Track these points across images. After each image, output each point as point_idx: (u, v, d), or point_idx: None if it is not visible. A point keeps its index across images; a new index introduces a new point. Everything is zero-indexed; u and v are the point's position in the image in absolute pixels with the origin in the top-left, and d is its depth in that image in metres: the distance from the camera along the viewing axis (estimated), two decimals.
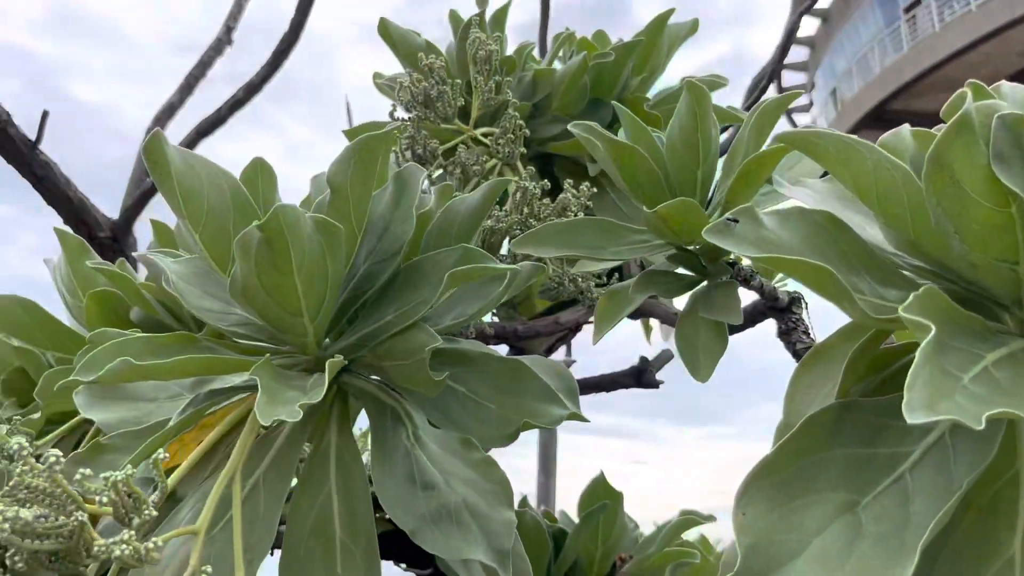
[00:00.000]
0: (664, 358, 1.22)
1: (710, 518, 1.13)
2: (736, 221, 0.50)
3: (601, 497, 1.07)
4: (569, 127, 0.76)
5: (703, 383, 0.66)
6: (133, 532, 0.50)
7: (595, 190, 0.89)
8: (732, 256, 0.74)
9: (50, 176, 1.52)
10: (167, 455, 0.59)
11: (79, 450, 0.67)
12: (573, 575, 1.11)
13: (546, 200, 0.88)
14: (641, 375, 1.17)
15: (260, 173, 0.67)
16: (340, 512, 0.72)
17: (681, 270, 0.70)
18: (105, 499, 0.52)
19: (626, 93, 1.14)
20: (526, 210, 0.87)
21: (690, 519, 1.12)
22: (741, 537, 0.45)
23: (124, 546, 0.50)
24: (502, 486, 0.69)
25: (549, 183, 0.91)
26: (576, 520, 1.11)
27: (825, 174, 0.59)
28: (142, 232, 1.72)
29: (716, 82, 1.16)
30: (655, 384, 1.19)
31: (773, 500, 0.47)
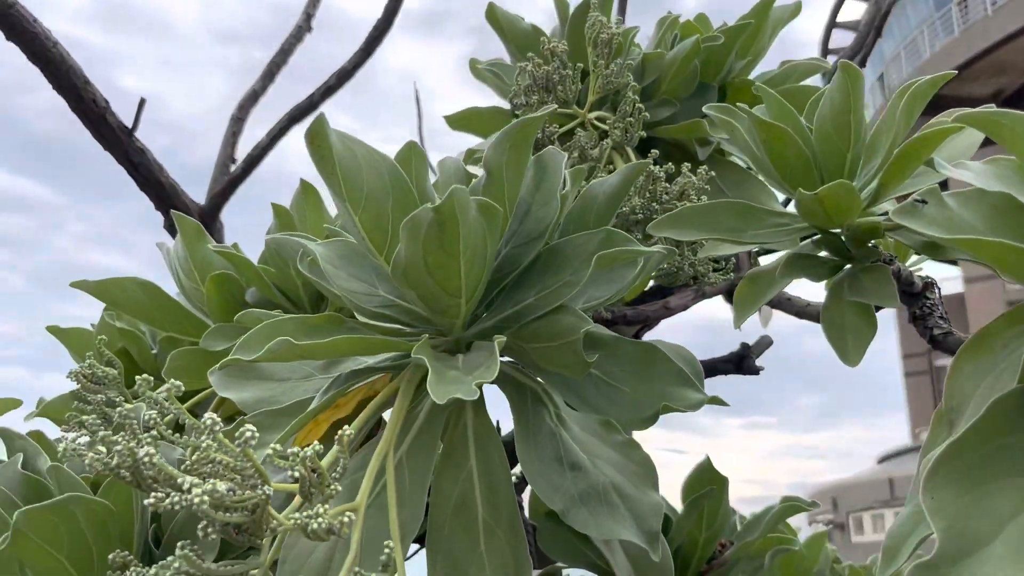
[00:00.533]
0: (764, 344, 1.21)
1: (813, 504, 1.13)
2: (924, 202, 0.50)
3: (707, 483, 1.07)
4: (705, 109, 0.76)
5: (853, 367, 0.66)
6: (327, 506, 0.52)
7: (712, 173, 0.89)
8: (873, 241, 0.74)
9: (144, 162, 1.55)
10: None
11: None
12: (676, 559, 1.12)
13: (666, 184, 0.88)
14: (742, 361, 1.17)
15: (413, 155, 0.68)
16: (481, 492, 0.73)
17: (825, 254, 0.70)
18: (293, 475, 0.53)
19: (731, 77, 1.13)
20: (648, 194, 0.88)
21: (793, 505, 1.11)
22: (936, 520, 0.45)
23: (319, 520, 0.51)
24: (646, 468, 0.70)
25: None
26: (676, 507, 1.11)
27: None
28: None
29: (818, 65, 1.14)
30: (755, 371, 1.19)
31: (962, 484, 0.47)
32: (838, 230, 0.68)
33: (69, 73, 1.36)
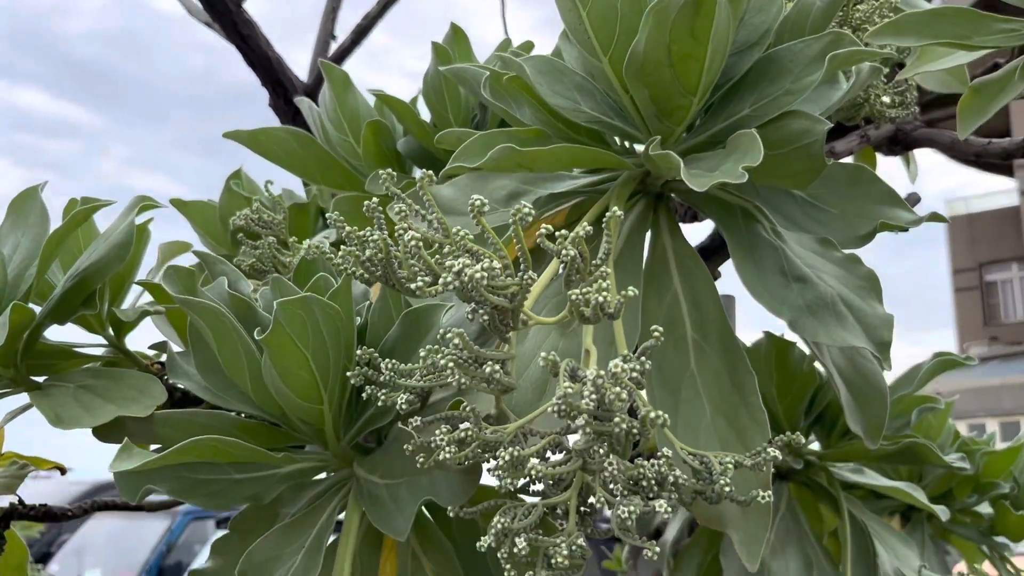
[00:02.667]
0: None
1: (968, 359, 1.10)
2: None
3: None
4: None
5: None
6: (605, 283, 0.50)
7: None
8: None
9: (253, 35, 1.53)
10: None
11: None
12: (826, 415, 1.11)
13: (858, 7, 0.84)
14: None
15: None
16: (689, 312, 0.71)
17: None
18: (566, 255, 0.51)
19: None
20: (840, 15, 0.84)
21: (949, 360, 1.09)
22: None
23: (603, 294, 0.50)
24: (871, 281, 0.67)
25: None
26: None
27: None
28: None
29: None
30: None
31: None
32: None
33: None
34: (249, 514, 0.80)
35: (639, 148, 0.77)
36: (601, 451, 0.52)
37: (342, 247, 0.57)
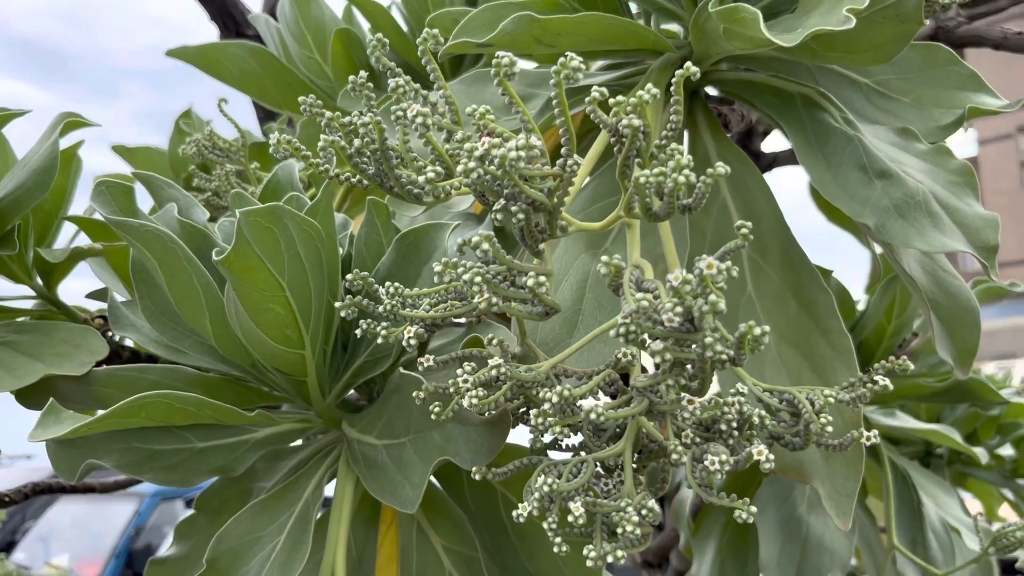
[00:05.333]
0: None
1: (1014, 284, 1.00)
2: None
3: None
4: None
5: None
6: (682, 161, 0.38)
7: None
8: None
9: None
10: None
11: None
12: (859, 353, 1.00)
13: None
14: None
15: None
16: None
17: None
18: (628, 124, 0.38)
19: None
20: None
21: (993, 288, 0.99)
22: None
23: (685, 173, 0.37)
24: (965, 176, 0.55)
25: None
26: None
27: None
28: None
29: None
30: None
31: None
32: None
33: None
34: (218, 490, 0.67)
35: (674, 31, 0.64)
36: (677, 386, 0.40)
37: (322, 137, 0.43)
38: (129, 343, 0.76)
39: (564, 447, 0.50)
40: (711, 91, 0.69)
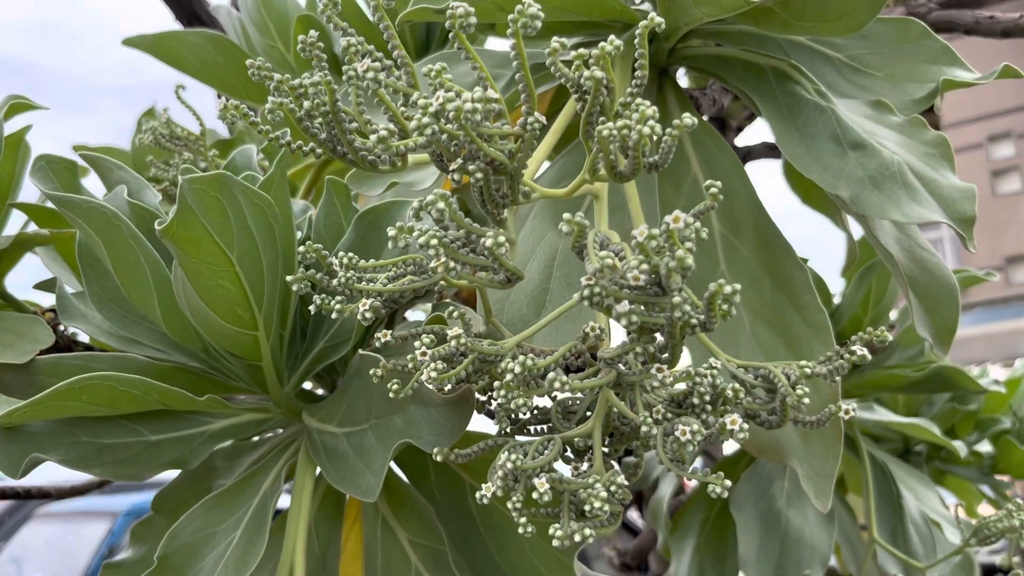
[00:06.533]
0: None
1: (989, 274, 0.99)
2: None
3: (871, 249, 0.93)
4: None
5: None
6: (645, 114, 0.36)
7: None
8: None
9: None
10: None
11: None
12: (837, 341, 0.98)
13: None
14: None
15: None
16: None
17: None
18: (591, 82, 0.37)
19: None
20: None
21: (970, 276, 0.98)
22: None
23: (651, 124, 0.35)
24: (940, 147, 0.54)
25: None
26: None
27: None
28: None
29: None
30: None
31: None
32: None
33: None
34: (175, 490, 0.65)
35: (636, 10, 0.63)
36: (646, 354, 0.38)
37: (269, 100, 0.41)
38: (84, 338, 0.73)
39: (532, 432, 0.48)
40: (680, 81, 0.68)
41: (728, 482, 0.38)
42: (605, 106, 0.38)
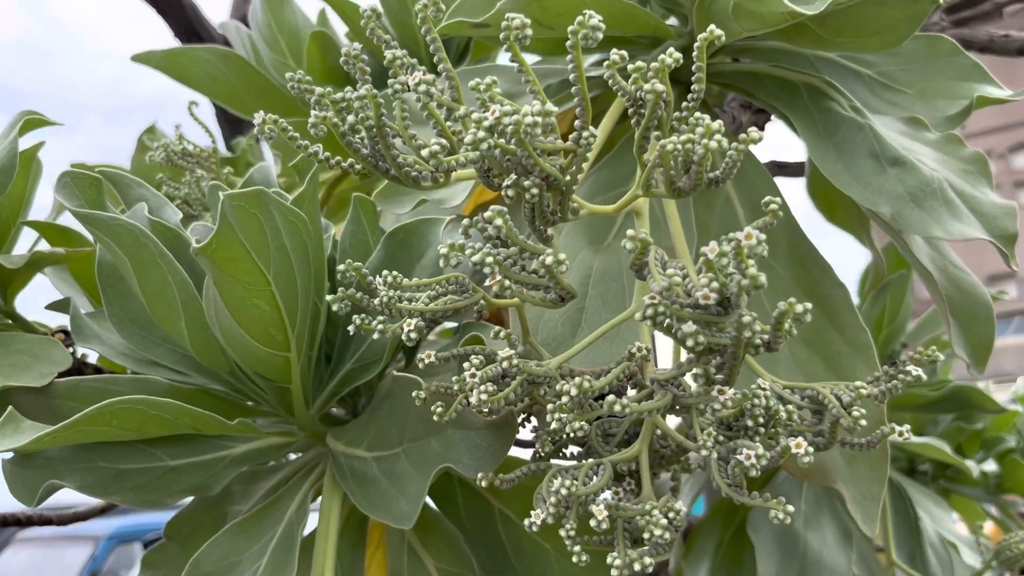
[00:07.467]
0: None
1: (1002, 293, 0.99)
2: None
3: (893, 268, 0.93)
4: None
5: None
6: (717, 123, 0.35)
7: None
8: None
9: None
10: None
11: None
12: None
13: None
14: None
15: None
16: (746, 218, 0.57)
17: None
18: (648, 94, 0.36)
19: None
20: None
21: None
22: None
23: (716, 138, 0.34)
24: (978, 164, 0.54)
25: None
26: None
27: None
28: None
29: None
30: None
31: None
32: None
33: None
34: (189, 516, 0.63)
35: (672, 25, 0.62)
36: (704, 376, 0.37)
37: (312, 114, 0.40)
38: (93, 360, 0.71)
39: (569, 455, 0.46)
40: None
41: (791, 507, 0.37)
42: (662, 120, 0.37)
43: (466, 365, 0.38)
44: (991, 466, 1.36)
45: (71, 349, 0.68)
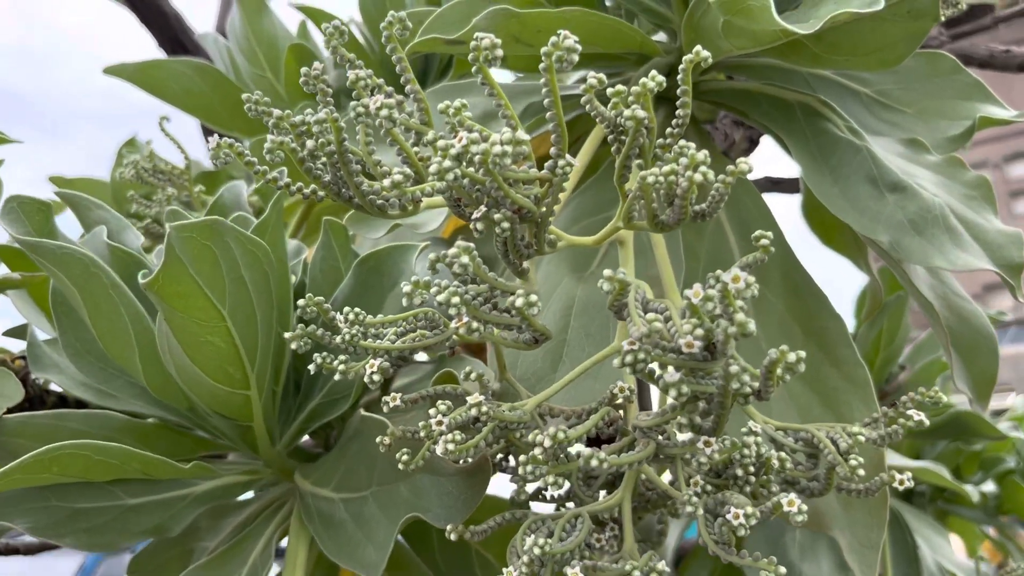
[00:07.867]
0: None
1: (1000, 314, 0.96)
2: None
3: (890, 289, 0.90)
4: None
5: None
6: (703, 153, 0.32)
7: None
8: None
9: None
10: None
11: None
12: None
13: None
14: None
15: None
16: (738, 245, 0.54)
17: None
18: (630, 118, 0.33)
19: None
20: None
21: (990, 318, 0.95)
22: None
23: (702, 170, 0.31)
24: (981, 189, 0.51)
25: None
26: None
27: None
28: None
29: None
30: None
31: None
32: None
33: None
34: (154, 552, 0.59)
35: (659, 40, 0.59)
36: (689, 425, 0.34)
37: (269, 138, 0.37)
38: (57, 388, 0.68)
39: (550, 498, 0.44)
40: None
41: (783, 569, 0.34)
42: (644, 148, 0.34)
43: (432, 411, 0.35)
44: (990, 487, 1.34)
45: (32, 376, 0.65)
